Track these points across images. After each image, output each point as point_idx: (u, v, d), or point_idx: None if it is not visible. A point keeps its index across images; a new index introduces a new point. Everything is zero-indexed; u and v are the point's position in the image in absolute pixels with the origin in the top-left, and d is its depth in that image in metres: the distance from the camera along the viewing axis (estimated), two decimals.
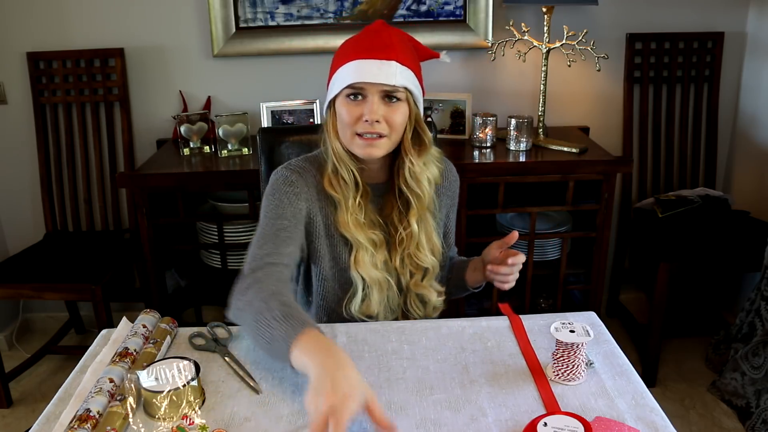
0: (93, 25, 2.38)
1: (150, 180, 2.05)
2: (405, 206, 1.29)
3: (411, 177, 1.26)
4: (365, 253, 1.26)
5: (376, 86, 1.17)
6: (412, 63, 1.20)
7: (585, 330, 1.04)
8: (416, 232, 1.29)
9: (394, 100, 1.19)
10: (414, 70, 1.20)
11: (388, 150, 1.23)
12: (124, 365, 1.06)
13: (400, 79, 1.16)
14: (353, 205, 1.25)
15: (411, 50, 1.22)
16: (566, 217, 2.32)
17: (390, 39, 1.18)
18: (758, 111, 2.43)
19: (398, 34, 1.21)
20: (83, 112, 2.43)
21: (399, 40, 1.20)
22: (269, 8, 2.35)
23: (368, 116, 1.17)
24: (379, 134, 1.19)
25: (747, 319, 2.18)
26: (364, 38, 1.20)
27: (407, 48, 1.21)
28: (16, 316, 2.74)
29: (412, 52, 1.22)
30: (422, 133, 1.24)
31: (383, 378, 1.07)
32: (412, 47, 1.23)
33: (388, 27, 1.21)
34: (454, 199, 1.44)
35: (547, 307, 2.40)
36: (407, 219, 1.28)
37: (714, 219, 2.32)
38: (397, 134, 1.22)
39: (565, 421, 0.91)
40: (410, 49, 1.22)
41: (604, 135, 2.51)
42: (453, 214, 1.46)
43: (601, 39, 2.29)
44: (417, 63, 1.23)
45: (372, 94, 1.17)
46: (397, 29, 1.23)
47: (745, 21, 2.45)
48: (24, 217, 2.61)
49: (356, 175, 1.25)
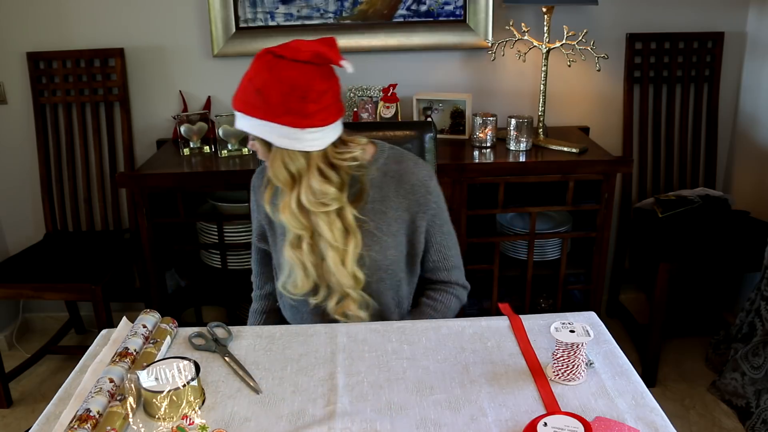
0: (93, 25, 2.38)
1: (150, 180, 2.05)
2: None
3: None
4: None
5: None
6: (247, 108, 1.20)
7: (585, 330, 1.05)
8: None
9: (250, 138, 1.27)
10: (251, 114, 1.20)
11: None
12: (124, 365, 1.06)
13: (238, 123, 1.23)
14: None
15: (251, 93, 1.19)
16: (566, 217, 2.32)
17: (241, 83, 1.21)
18: (758, 111, 2.43)
19: (248, 76, 1.20)
20: (83, 112, 2.43)
21: (246, 82, 1.20)
22: (269, 8, 2.35)
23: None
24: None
25: (747, 319, 2.18)
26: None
27: (248, 91, 1.20)
28: (16, 316, 2.74)
29: (251, 95, 1.19)
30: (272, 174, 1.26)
31: (383, 378, 1.07)
32: (254, 90, 1.18)
33: (253, 65, 1.20)
34: (421, 206, 1.35)
35: (547, 307, 2.40)
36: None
37: (714, 219, 2.32)
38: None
39: (565, 421, 0.91)
40: (251, 92, 1.19)
41: (604, 135, 2.51)
42: (430, 228, 1.38)
43: (601, 39, 2.29)
44: (256, 105, 1.19)
45: None
46: (259, 64, 1.18)
47: (745, 21, 2.45)
48: (24, 217, 2.61)
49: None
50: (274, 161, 1.24)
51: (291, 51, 1.16)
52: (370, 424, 0.96)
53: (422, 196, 1.34)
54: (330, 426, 0.96)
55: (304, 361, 1.13)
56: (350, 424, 0.96)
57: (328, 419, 0.97)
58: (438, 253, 1.40)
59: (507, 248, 2.33)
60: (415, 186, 1.34)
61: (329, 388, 1.05)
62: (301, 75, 1.15)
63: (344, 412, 0.99)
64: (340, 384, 1.06)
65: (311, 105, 1.17)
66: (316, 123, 1.19)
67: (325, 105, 1.19)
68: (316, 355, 1.15)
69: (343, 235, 1.28)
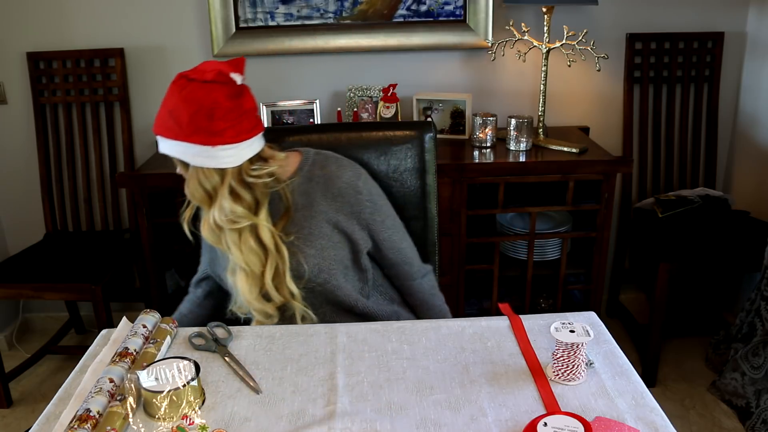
0: (93, 25, 2.38)
1: (150, 180, 2.05)
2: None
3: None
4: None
5: None
6: (161, 130, 1.24)
7: (585, 330, 1.05)
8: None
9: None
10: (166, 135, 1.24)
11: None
12: (124, 365, 1.06)
13: (161, 146, 1.26)
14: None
15: (163, 115, 1.23)
16: (566, 217, 2.32)
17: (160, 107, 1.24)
18: (758, 111, 2.43)
19: (164, 99, 1.23)
20: (83, 112, 2.43)
21: (162, 106, 1.23)
22: (269, 8, 2.35)
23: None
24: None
25: (747, 319, 2.18)
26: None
27: (162, 114, 1.24)
28: (16, 316, 2.74)
29: (163, 117, 1.23)
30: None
31: (383, 378, 1.07)
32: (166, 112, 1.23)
33: (169, 88, 1.23)
34: (353, 207, 1.34)
35: (547, 307, 2.40)
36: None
37: (714, 219, 2.32)
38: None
39: (565, 421, 0.91)
40: (164, 114, 1.23)
41: (604, 135, 2.51)
42: (371, 228, 1.36)
43: (601, 39, 2.29)
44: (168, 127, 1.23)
45: None
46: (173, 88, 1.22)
47: (745, 21, 2.45)
48: (24, 217, 2.61)
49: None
50: (190, 180, 1.27)
51: (198, 73, 1.20)
52: (370, 424, 0.96)
53: (352, 197, 1.34)
54: (330, 426, 0.96)
55: (304, 361, 1.13)
56: (350, 424, 0.96)
57: (328, 419, 0.97)
58: (390, 250, 1.40)
59: (507, 248, 2.33)
60: (342, 189, 1.33)
61: (329, 388, 1.05)
62: (207, 95, 1.18)
63: (344, 412, 0.99)
64: (340, 384, 1.06)
65: (219, 122, 1.19)
66: (227, 140, 1.21)
67: (234, 122, 1.20)
68: (316, 355, 1.15)
69: (257, 253, 1.28)
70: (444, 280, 2.12)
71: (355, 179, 1.35)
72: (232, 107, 1.20)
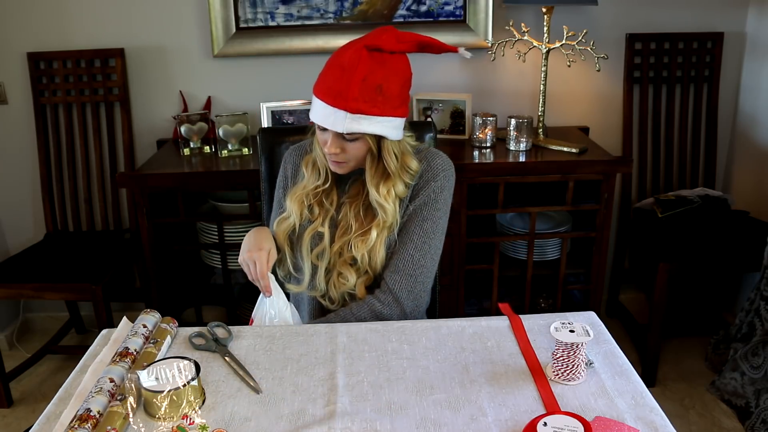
0: (93, 25, 2.38)
1: (150, 180, 2.05)
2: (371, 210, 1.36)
3: (374, 201, 1.33)
4: (288, 222, 1.40)
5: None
6: (367, 107, 1.22)
7: (585, 330, 1.05)
8: (373, 239, 1.33)
9: (348, 139, 1.27)
10: (371, 113, 1.23)
11: (352, 169, 1.35)
12: (125, 365, 1.06)
13: (349, 126, 1.24)
14: (310, 189, 1.39)
15: (371, 91, 1.22)
16: (566, 217, 2.32)
17: (349, 83, 1.21)
18: (758, 111, 2.43)
19: (361, 75, 1.21)
20: (83, 112, 2.44)
21: (360, 83, 1.21)
22: (269, 8, 2.36)
23: (326, 149, 1.30)
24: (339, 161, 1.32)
25: (746, 319, 2.18)
26: (329, 73, 1.26)
27: (367, 89, 1.22)
28: (17, 316, 2.74)
29: (370, 93, 1.22)
30: (386, 166, 1.31)
31: (383, 378, 1.08)
32: (374, 86, 1.22)
33: (355, 62, 1.21)
34: (425, 198, 1.36)
35: (547, 307, 2.40)
36: (370, 226, 1.33)
37: (714, 219, 2.33)
38: (357, 160, 1.32)
39: (565, 421, 0.91)
40: (371, 89, 1.22)
41: (604, 135, 2.51)
42: (413, 214, 1.36)
43: (601, 39, 2.29)
44: (376, 103, 1.23)
45: (329, 132, 1.27)
46: (368, 61, 1.21)
47: (744, 21, 2.45)
48: (24, 217, 2.61)
49: (328, 171, 1.38)
50: (389, 155, 1.30)
51: (389, 43, 1.23)
52: (370, 424, 0.96)
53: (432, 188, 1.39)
54: (330, 426, 0.96)
55: (304, 361, 1.13)
56: (350, 424, 0.96)
57: (328, 419, 0.98)
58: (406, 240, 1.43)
59: (507, 248, 2.33)
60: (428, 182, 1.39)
61: (329, 388, 1.05)
62: (407, 65, 1.29)
63: (344, 412, 0.99)
64: (340, 384, 1.06)
65: (407, 93, 1.30)
66: (407, 111, 1.30)
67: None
68: (316, 355, 1.15)
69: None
70: (444, 280, 2.12)
71: (448, 172, 1.40)
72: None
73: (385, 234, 1.34)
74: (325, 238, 1.37)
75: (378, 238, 1.33)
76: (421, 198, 1.35)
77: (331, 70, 1.26)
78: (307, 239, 1.38)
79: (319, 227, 1.37)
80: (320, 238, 1.38)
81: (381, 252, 1.34)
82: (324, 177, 1.39)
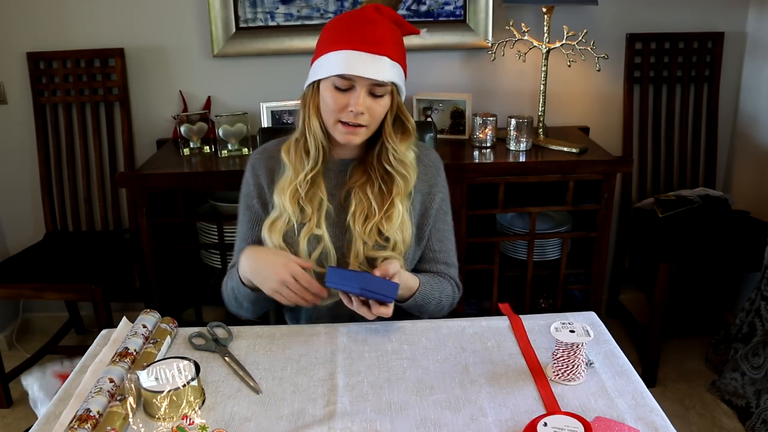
0: (93, 25, 2.38)
1: (150, 180, 2.05)
2: (386, 185, 1.30)
3: (396, 161, 1.28)
4: (282, 221, 1.28)
5: (366, 80, 1.19)
6: (399, 56, 1.23)
7: (585, 330, 1.05)
8: (400, 211, 1.28)
9: (378, 94, 1.22)
10: (401, 63, 1.24)
11: (366, 137, 1.27)
12: (124, 365, 1.06)
13: (389, 74, 1.20)
14: (302, 178, 1.27)
15: (399, 43, 1.24)
16: (566, 217, 2.32)
17: (383, 34, 1.20)
18: (758, 111, 2.43)
19: (389, 28, 1.22)
20: (83, 112, 2.43)
21: (390, 33, 1.21)
22: (269, 8, 2.35)
23: (354, 108, 1.20)
24: (360, 124, 1.23)
25: (747, 319, 2.18)
26: (357, 27, 1.20)
27: (396, 41, 1.23)
28: (16, 316, 2.74)
29: (400, 45, 1.24)
30: (405, 121, 1.29)
31: (383, 378, 1.07)
32: (399, 39, 1.25)
33: (380, 17, 1.22)
34: (432, 188, 1.35)
35: (547, 307, 2.40)
36: (392, 198, 1.28)
37: (714, 219, 2.32)
38: (377, 123, 1.26)
39: (565, 421, 0.91)
40: (398, 41, 1.24)
41: (604, 135, 2.51)
42: (437, 213, 1.36)
43: (601, 39, 2.29)
44: (403, 54, 1.25)
45: (360, 86, 1.20)
46: (387, 19, 1.23)
47: (745, 21, 2.45)
48: (24, 217, 2.61)
49: (325, 152, 1.29)
50: (404, 110, 1.28)
51: (378, 11, 1.23)
52: (370, 424, 0.96)
53: (433, 175, 1.38)
54: (330, 426, 0.96)
55: (304, 361, 1.13)
56: (350, 424, 0.96)
57: (328, 419, 0.97)
58: (436, 242, 1.43)
59: (507, 248, 2.33)
60: (428, 167, 1.38)
61: (329, 388, 1.05)
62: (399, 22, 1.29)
63: (344, 412, 0.99)
64: (340, 384, 1.06)
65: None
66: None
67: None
68: (316, 355, 1.15)
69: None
70: None
71: (440, 163, 1.40)
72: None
73: (408, 202, 1.30)
74: (324, 239, 1.28)
75: (404, 210, 1.28)
76: (441, 193, 1.37)
77: (355, 25, 1.20)
78: (303, 243, 1.27)
79: (314, 229, 1.27)
80: (318, 241, 1.28)
81: (409, 225, 1.30)
82: (314, 159, 1.27)
